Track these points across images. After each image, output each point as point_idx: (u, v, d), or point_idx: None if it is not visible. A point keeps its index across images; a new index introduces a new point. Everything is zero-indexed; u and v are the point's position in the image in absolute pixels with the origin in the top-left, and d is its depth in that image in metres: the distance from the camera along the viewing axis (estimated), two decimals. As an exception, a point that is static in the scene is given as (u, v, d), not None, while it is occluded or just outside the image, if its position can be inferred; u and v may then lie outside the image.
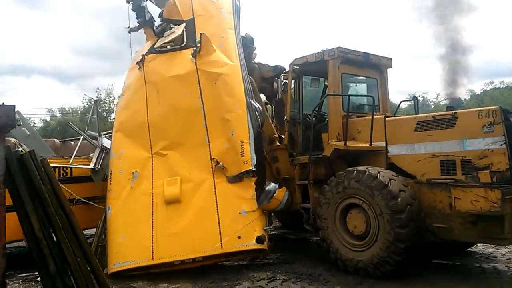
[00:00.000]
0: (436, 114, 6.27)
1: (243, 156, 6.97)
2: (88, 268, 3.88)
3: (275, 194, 7.14)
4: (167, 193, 6.81)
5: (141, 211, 6.74)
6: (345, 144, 6.68)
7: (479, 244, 7.48)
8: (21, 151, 4.43)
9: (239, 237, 6.50)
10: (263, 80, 9.17)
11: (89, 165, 7.99)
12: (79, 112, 47.35)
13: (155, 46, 8.49)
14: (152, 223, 6.61)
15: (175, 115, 7.58)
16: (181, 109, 7.60)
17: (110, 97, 44.41)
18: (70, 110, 49.91)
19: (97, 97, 42.34)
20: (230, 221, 6.63)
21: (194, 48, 7.90)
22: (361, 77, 8.06)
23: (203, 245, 6.47)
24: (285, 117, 7.94)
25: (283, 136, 8.60)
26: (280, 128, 8.92)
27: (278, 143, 8.57)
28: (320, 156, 6.98)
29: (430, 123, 6.19)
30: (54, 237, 3.75)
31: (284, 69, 9.22)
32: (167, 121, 7.56)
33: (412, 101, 8.50)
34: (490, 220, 5.39)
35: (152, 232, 6.52)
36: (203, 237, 6.51)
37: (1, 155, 2.92)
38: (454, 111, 6.11)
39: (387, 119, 6.77)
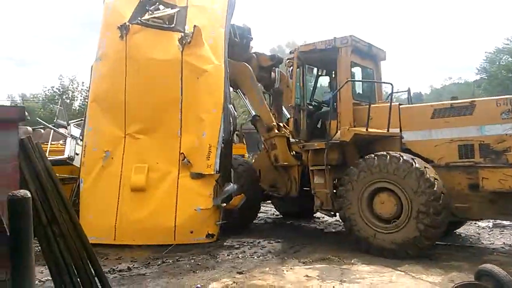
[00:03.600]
0: (453, 102, 6.60)
1: (208, 159, 7.07)
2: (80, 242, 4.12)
3: (231, 201, 7.37)
4: (133, 180, 7.01)
5: (109, 192, 7.03)
6: (367, 129, 6.81)
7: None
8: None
9: (191, 232, 7.05)
10: (260, 69, 9.20)
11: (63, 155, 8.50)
12: (40, 98, 46.58)
13: (142, 18, 8.12)
14: (118, 205, 6.97)
15: (153, 100, 7.45)
16: (159, 96, 7.47)
17: (74, 83, 43.90)
18: (32, 96, 48.84)
19: (60, 84, 42.04)
20: (186, 216, 6.98)
21: (182, 34, 7.71)
22: (358, 67, 8.18)
23: (159, 235, 7.02)
24: (291, 104, 7.93)
25: (281, 124, 8.81)
26: (278, 117, 9.03)
27: (276, 131, 8.60)
28: (338, 141, 7.07)
29: (447, 111, 6.51)
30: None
31: (282, 59, 9.43)
32: (144, 104, 7.44)
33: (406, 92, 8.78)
34: (509, 198, 5.84)
35: (117, 214, 6.95)
36: (160, 228, 6.97)
37: (16, 144, 3.24)
38: (472, 99, 6.59)
39: (401, 106, 7.02)
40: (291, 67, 8.11)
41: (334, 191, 7.17)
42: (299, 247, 7.07)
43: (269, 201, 10.28)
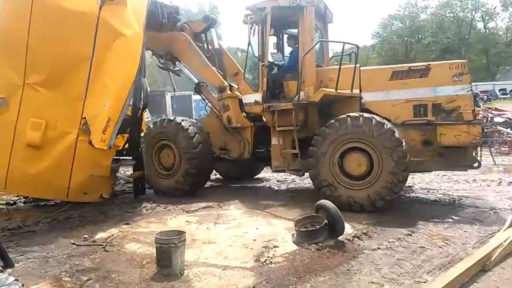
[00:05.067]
0: (411, 65, 7.00)
1: (104, 133, 6.55)
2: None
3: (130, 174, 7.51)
4: (28, 137, 6.56)
5: (1, 140, 6.65)
6: (336, 90, 6.87)
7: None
8: None
9: (85, 193, 6.98)
10: (196, 37, 8.81)
11: None
12: None
13: None
14: (10, 156, 6.62)
15: (59, 52, 6.66)
16: (68, 50, 6.67)
17: None
18: None
19: None
20: (81, 180, 6.74)
21: None
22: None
23: (51, 192, 6.98)
24: (263, 63, 7.55)
25: (233, 85, 8.58)
26: (224, 77, 8.68)
27: (229, 92, 8.37)
28: (307, 102, 7.13)
29: (405, 73, 6.88)
30: None
31: (216, 20, 9.14)
32: (49, 55, 6.66)
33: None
34: (455, 151, 6.57)
35: (9, 164, 6.63)
36: (53, 186, 6.77)
37: None
38: (428, 63, 6.96)
39: (362, 68, 7.22)
40: (253, 24, 7.72)
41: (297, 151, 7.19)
42: (185, 200, 7.61)
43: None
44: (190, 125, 8.14)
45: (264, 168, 10.09)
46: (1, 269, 4.18)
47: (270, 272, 4.27)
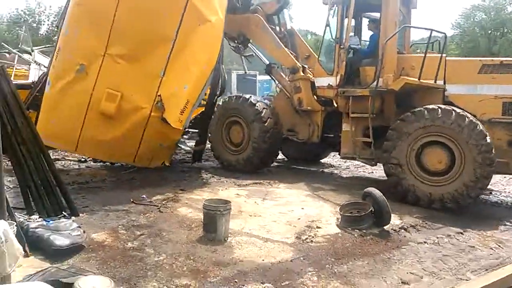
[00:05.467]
0: (503, 60, 6.56)
1: (181, 114, 6.74)
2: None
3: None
4: (103, 106, 6.71)
5: (77, 106, 6.76)
6: (419, 79, 6.52)
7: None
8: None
9: (150, 160, 7.44)
10: (268, 18, 8.56)
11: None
12: (4, 20, 45.02)
13: None
14: (84, 121, 6.78)
15: (144, 29, 6.71)
16: (153, 27, 6.72)
17: (41, 7, 42.34)
18: None
19: (26, 6, 40.53)
20: (149, 148, 7.16)
21: None
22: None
23: (120, 157, 7.42)
24: (343, 47, 7.33)
25: (306, 66, 8.29)
26: (296, 58, 8.46)
27: (302, 73, 8.16)
28: (386, 90, 6.81)
29: (496, 67, 6.41)
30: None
31: (288, 1, 8.85)
32: (133, 30, 6.71)
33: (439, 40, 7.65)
34: None
35: (81, 129, 6.81)
36: (122, 152, 7.16)
37: None
38: None
39: (448, 58, 6.83)
40: (334, 5, 7.52)
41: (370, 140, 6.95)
42: (239, 174, 7.88)
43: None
44: (263, 108, 8.08)
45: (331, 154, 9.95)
46: (68, 216, 4.69)
47: (309, 250, 4.37)
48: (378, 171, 8.99)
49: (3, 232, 3.16)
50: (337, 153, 8.30)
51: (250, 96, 8.35)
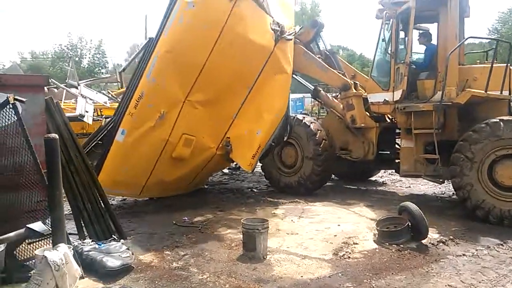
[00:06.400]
0: None
1: (253, 158, 7.04)
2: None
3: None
4: (179, 151, 6.76)
5: (151, 153, 6.64)
6: (486, 91, 6.30)
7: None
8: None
9: (196, 185, 8.17)
10: (307, 46, 8.50)
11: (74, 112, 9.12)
12: (49, 55, 47.79)
13: None
14: (154, 167, 6.74)
15: (228, 76, 6.82)
16: (236, 75, 6.88)
17: (82, 41, 44.52)
18: (41, 53, 49.83)
19: (68, 42, 43.14)
20: (201, 178, 7.97)
21: (274, 22, 7.14)
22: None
23: (175, 191, 7.65)
24: (404, 61, 7.07)
25: (357, 82, 8.27)
26: (344, 75, 8.42)
27: (354, 90, 8.10)
28: (451, 103, 6.55)
29: None
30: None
31: (323, 24, 8.82)
32: (219, 78, 6.74)
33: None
34: None
35: (150, 176, 6.78)
36: (178, 186, 7.48)
37: (43, 102, 4.43)
38: None
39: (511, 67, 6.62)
40: (389, 20, 7.34)
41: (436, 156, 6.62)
42: (275, 194, 8.16)
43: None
44: (317, 129, 8.04)
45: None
46: (117, 239, 5.03)
47: (347, 266, 4.48)
48: (415, 186, 8.98)
49: (63, 254, 3.51)
50: (393, 170, 8.17)
51: (304, 117, 8.37)
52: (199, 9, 6.37)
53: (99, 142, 6.74)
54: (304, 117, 8.34)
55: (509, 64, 6.55)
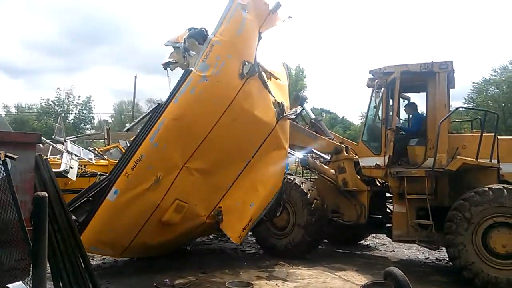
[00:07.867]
0: None
1: (243, 231, 7.07)
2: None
3: None
4: (168, 216, 6.67)
5: (139, 215, 6.53)
6: (477, 159, 6.56)
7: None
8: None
9: (178, 246, 8.05)
10: (297, 117, 8.92)
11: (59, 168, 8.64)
12: (35, 109, 47.29)
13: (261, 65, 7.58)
14: (140, 229, 6.61)
15: (228, 148, 7.01)
16: (236, 148, 7.09)
17: (70, 97, 45.40)
18: (27, 106, 49.14)
19: (56, 97, 43.95)
20: (188, 240, 8.05)
21: (276, 101, 7.57)
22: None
23: (157, 253, 7.44)
24: (390, 128, 7.29)
25: (348, 146, 8.48)
26: (333, 140, 8.65)
27: (345, 153, 8.32)
28: (442, 170, 6.75)
29: None
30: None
31: (306, 97, 9.32)
32: (220, 148, 6.90)
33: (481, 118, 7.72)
34: None
35: (134, 238, 6.64)
36: (161, 249, 7.32)
37: (34, 159, 4.46)
38: None
39: (499, 137, 6.94)
40: (380, 89, 7.54)
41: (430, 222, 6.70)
42: (259, 256, 8.09)
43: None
44: (309, 189, 7.96)
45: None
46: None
47: (332, 333, 4.37)
48: (399, 250, 8.98)
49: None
50: (384, 234, 8.18)
51: (295, 178, 8.41)
52: (211, 83, 6.64)
53: (90, 198, 6.49)
54: (302, 183, 8.16)
55: (496, 134, 6.90)
